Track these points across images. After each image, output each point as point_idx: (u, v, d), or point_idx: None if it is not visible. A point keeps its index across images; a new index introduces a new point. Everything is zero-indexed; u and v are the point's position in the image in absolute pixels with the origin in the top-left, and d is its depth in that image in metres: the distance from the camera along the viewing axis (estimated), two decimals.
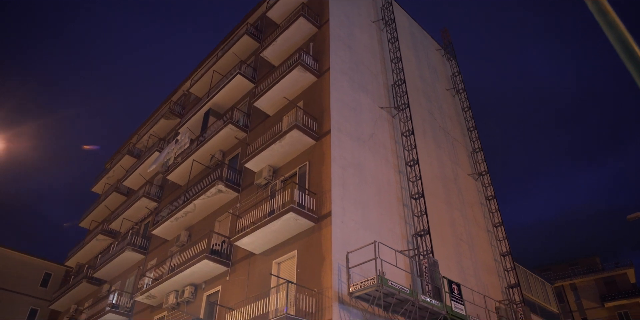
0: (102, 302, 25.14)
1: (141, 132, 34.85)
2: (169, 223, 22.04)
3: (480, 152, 25.44)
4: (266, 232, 15.60)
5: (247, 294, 15.88)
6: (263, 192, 18.19)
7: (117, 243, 27.94)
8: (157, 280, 20.23)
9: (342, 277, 13.50)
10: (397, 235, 16.65)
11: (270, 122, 20.32)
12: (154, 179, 28.63)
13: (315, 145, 17.02)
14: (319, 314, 12.98)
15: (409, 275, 15.63)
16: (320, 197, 15.37)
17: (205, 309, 18.02)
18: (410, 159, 18.88)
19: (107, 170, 36.60)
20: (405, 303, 13.39)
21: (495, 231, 22.83)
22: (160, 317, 20.54)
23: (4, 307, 37.27)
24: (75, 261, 33.38)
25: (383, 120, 19.69)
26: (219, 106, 24.71)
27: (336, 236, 14.17)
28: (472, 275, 19.29)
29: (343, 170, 16.05)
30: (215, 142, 22.24)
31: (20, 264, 39.55)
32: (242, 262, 17.33)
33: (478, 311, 16.97)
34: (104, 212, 33.89)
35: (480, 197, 23.72)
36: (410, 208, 17.92)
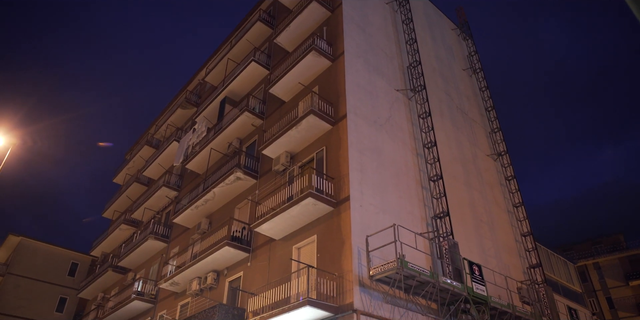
0: (127, 290, 25.65)
1: (159, 122, 35.13)
2: (190, 211, 22.27)
3: (499, 132, 25.09)
4: (285, 217, 15.67)
5: (269, 279, 16.03)
6: (281, 178, 18.23)
7: (139, 232, 28.37)
8: (180, 268, 20.52)
9: (362, 260, 13.53)
10: (417, 218, 16.59)
11: (286, 108, 20.27)
12: (173, 169, 28.90)
13: (331, 130, 16.95)
14: (340, 297, 13.05)
15: (429, 257, 15.60)
16: (338, 181, 15.34)
17: (228, 295, 18.26)
18: (428, 141, 18.71)
19: (127, 161, 37.06)
20: (425, 285, 13.38)
21: (516, 211, 22.61)
22: (184, 304, 20.89)
23: (35, 296, 38.36)
24: (100, 251, 34.07)
25: (399, 103, 19.51)
26: (235, 94, 24.72)
27: (355, 220, 14.17)
28: (493, 256, 19.18)
29: (360, 154, 15.98)
30: (232, 130, 22.30)
31: (48, 255, 40.56)
32: (262, 248, 17.47)
33: (499, 292, 16.89)
34: (126, 202, 34.41)
35: (499, 178, 23.47)
36: (429, 190, 17.81)
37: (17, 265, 39.14)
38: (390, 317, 13.24)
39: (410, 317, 13.77)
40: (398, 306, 13.58)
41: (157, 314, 22.84)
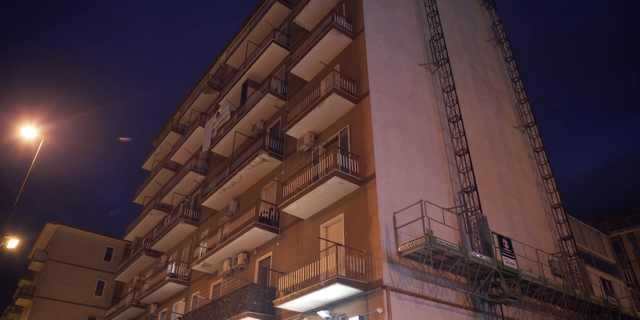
0: (161, 273, 26.32)
1: (183, 108, 35.44)
2: (218, 194, 22.55)
3: (526, 103, 24.49)
4: (312, 197, 15.72)
5: (298, 258, 16.19)
6: (306, 158, 18.25)
7: (170, 216, 28.94)
8: (210, 250, 20.91)
9: (390, 237, 13.53)
10: (444, 193, 16.45)
11: (308, 88, 20.16)
12: (200, 153, 29.22)
13: (355, 108, 16.82)
14: (369, 274, 13.11)
15: (458, 232, 15.50)
16: (363, 159, 15.28)
17: (259, 274, 18.55)
18: (453, 115, 18.41)
19: (154, 148, 37.61)
20: (454, 260, 13.32)
21: (546, 184, 22.19)
22: (216, 284, 21.34)
23: (75, 281, 39.82)
24: (134, 235, 34.92)
25: (422, 78, 19.19)
26: (256, 76, 24.68)
27: (382, 197, 14.13)
28: (523, 229, 18.95)
29: (385, 131, 15.84)
30: (255, 112, 22.34)
31: (84, 241, 41.89)
32: (290, 228, 17.62)
33: (530, 265, 16.72)
34: (155, 188, 35.04)
35: (528, 150, 23.00)
36: (456, 165, 17.60)
37: (56, 251, 40.56)
38: (419, 292, 13.27)
39: (439, 292, 13.78)
40: (427, 281, 13.59)
41: (191, 295, 23.41)
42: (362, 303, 12.94)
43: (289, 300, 14.09)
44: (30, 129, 19.56)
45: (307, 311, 14.57)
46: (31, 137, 19.76)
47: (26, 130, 19.48)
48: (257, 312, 15.77)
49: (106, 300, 40.25)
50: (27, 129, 19.49)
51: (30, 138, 19.78)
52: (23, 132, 19.47)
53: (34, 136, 19.81)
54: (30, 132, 19.58)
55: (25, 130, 19.47)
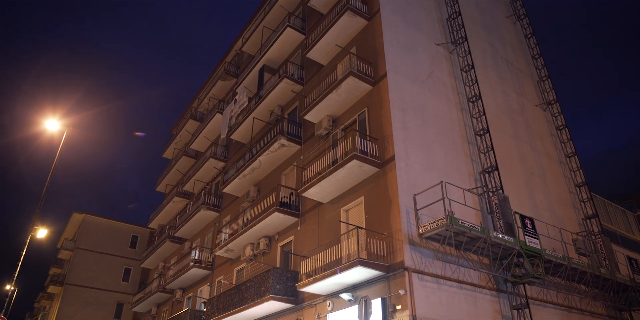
0: (185, 258, 26.76)
1: (201, 96, 35.59)
2: (238, 180, 22.71)
3: (548, 80, 23.95)
4: (331, 181, 15.73)
5: (319, 242, 16.28)
6: (325, 142, 18.22)
7: (192, 203, 29.30)
8: (233, 235, 21.14)
9: (411, 219, 13.49)
10: (464, 174, 16.30)
11: (324, 71, 20.04)
12: (219, 140, 29.39)
13: (372, 91, 16.68)
14: (391, 256, 13.12)
15: (479, 213, 15.38)
16: (382, 142, 15.19)
17: (281, 259, 18.73)
18: (472, 95, 18.14)
19: (174, 136, 37.97)
20: (476, 241, 13.25)
21: (569, 162, 21.80)
22: (239, 269, 21.62)
23: (103, 268, 40.80)
24: (157, 223, 35.51)
25: (440, 57, 18.89)
26: (273, 61, 24.59)
27: (402, 179, 14.07)
28: (546, 208, 18.71)
29: (403, 113, 15.71)
30: (272, 98, 22.32)
31: (110, 229, 42.78)
32: (311, 212, 17.69)
33: (554, 244, 16.53)
34: (177, 176, 35.45)
35: (550, 128, 22.57)
36: (476, 145, 17.39)
37: (84, 240, 41.51)
38: (441, 273, 13.25)
39: (461, 273, 13.74)
40: (449, 262, 13.55)
41: (215, 280, 23.79)
42: (384, 285, 12.98)
43: (311, 283, 14.21)
44: (53, 122, 19.85)
45: (330, 294, 14.70)
46: (54, 130, 20.06)
47: (50, 123, 19.78)
48: (280, 296, 15.97)
49: (133, 287, 41.18)
50: (50, 122, 19.79)
51: (53, 130, 20.09)
52: (47, 124, 19.78)
53: (57, 128, 20.11)
54: (53, 125, 19.88)
55: (48, 123, 19.77)
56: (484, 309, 13.66)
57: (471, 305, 13.40)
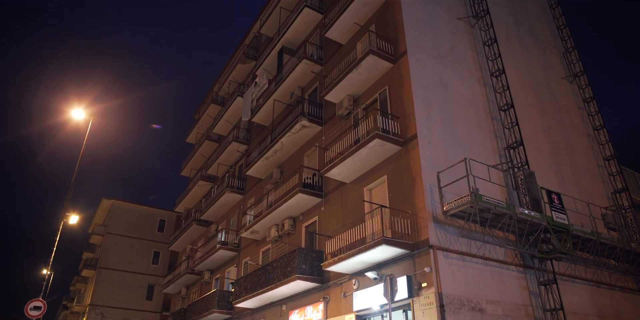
0: (212, 241, 27.22)
1: (221, 80, 35.66)
2: (261, 163, 22.84)
3: (574, 51, 23.23)
4: (354, 161, 15.69)
5: (343, 222, 16.33)
6: (346, 122, 18.13)
7: (216, 187, 29.64)
8: (257, 217, 21.37)
9: (435, 197, 13.41)
10: (489, 150, 16.06)
11: (344, 51, 19.82)
12: (241, 123, 29.52)
13: (393, 68, 16.46)
14: (415, 234, 13.10)
15: (504, 189, 15.18)
16: (404, 120, 15.04)
17: (306, 239, 18.88)
18: (496, 69, 17.74)
19: (196, 121, 38.28)
20: (502, 217, 13.11)
21: (597, 135, 21.26)
22: (265, 250, 21.90)
23: (133, 251, 41.84)
24: (183, 207, 36.12)
25: (462, 32, 18.48)
26: (291, 43, 24.42)
27: (425, 157, 13.95)
28: (574, 183, 18.37)
29: (425, 90, 15.49)
30: (292, 79, 22.24)
31: (138, 214, 43.71)
32: (334, 192, 17.72)
33: (582, 220, 16.24)
34: (201, 160, 35.85)
35: (577, 101, 21.98)
36: (500, 120, 17.08)
37: (113, 225, 42.54)
38: (467, 251, 13.19)
39: (487, 250, 13.66)
40: (474, 240, 13.47)
41: (241, 261, 24.17)
42: (409, 263, 13.00)
43: (336, 262, 14.32)
44: (79, 111, 20.16)
45: (355, 273, 14.80)
46: (80, 118, 20.38)
47: (75, 112, 20.09)
48: (306, 275, 16.15)
49: (163, 269, 42.17)
50: (76, 111, 20.10)
51: (79, 119, 20.41)
52: (72, 113, 20.10)
53: (83, 117, 20.43)
54: (79, 114, 20.19)
55: (74, 112, 20.08)
56: (510, 286, 13.59)
57: (497, 282, 13.35)
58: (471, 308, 12.30)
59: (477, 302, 12.51)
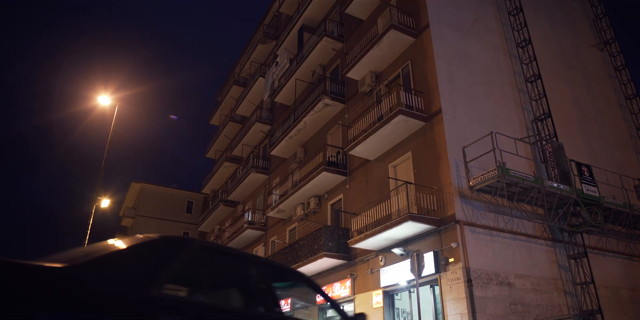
0: (239, 221, 27.58)
1: (242, 61, 35.61)
2: (285, 142, 22.89)
3: (605, 17, 22.33)
4: (378, 137, 15.58)
5: (368, 199, 16.32)
6: (369, 99, 17.96)
7: (241, 168, 29.90)
8: (283, 196, 21.52)
9: (461, 172, 13.26)
10: (515, 123, 15.74)
11: (365, 27, 19.51)
12: (263, 104, 29.54)
13: (415, 43, 16.16)
14: (441, 210, 13.02)
15: (532, 162, 14.91)
16: (427, 95, 14.82)
17: (331, 217, 18.96)
18: (521, 39, 17.23)
19: (219, 103, 38.46)
20: (530, 191, 12.90)
21: (629, 104, 20.58)
22: (292, 228, 22.10)
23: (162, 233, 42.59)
24: (210, 188, 36.61)
25: (485, 2, 17.94)
26: (311, 21, 24.14)
27: (449, 132, 13.77)
28: (605, 155, 17.91)
29: (448, 64, 15.18)
30: (313, 58, 22.06)
31: (166, 197, 44.52)
32: (359, 170, 17.68)
33: (614, 192, 15.84)
34: (225, 142, 36.12)
35: (608, 69, 21.24)
36: (527, 92, 16.66)
37: (143, 208, 43.47)
38: (494, 225, 13.07)
39: (515, 224, 13.50)
40: (502, 214, 13.32)
41: (269, 240, 24.48)
42: (436, 239, 12.96)
43: (362, 239, 14.37)
44: (105, 97, 20.42)
45: (381, 249, 14.84)
46: (106, 104, 20.64)
47: (102, 98, 20.36)
48: (332, 252, 16.27)
49: None
50: (102, 97, 20.36)
51: (105, 105, 20.68)
52: (99, 99, 20.37)
53: (109, 103, 20.69)
54: (105, 100, 20.45)
55: (101, 98, 20.35)
56: (539, 260, 13.46)
57: (526, 256, 13.22)
58: (499, 282, 12.24)
59: (505, 276, 12.44)
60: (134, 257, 2.59)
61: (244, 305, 3.35)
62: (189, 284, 3.20)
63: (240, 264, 3.43)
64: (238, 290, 3.41)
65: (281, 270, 4.03)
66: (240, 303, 3.37)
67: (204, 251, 3.12)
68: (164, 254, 2.72)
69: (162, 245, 2.83)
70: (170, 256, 2.73)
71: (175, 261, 2.73)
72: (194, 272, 3.06)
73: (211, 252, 3.25)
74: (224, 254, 3.44)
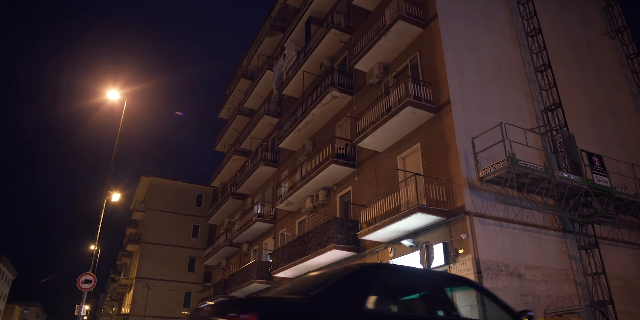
0: (249, 214, 27.69)
1: (250, 54, 35.54)
2: (293, 135, 22.88)
3: (616, 5, 21.91)
4: (386, 129, 15.53)
5: (377, 191, 16.29)
6: (377, 90, 17.89)
7: (250, 160, 29.97)
8: (292, 189, 21.55)
9: (470, 163, 13.20)
10: (525, 114, 15.61)
11: (372, 18, 19.37)
12: (271, 97, 29.51)
13: (423, 33, 16.04)
14: (451, 201, 12.99)
15: (542, 153, 14.80)
16: (436, 86, 14.73)
17: (340, 209, 18.98)
18: (531, 29, 17.03)
19: (227, 96, 38.46)
20: (540, 181, 12.82)
21: None
22: (301, 221, 22.16)
23: (173, 226, 43.07)
24: (219, 181, 36.75)
25: None
26: (318, 12, 24.00)
27: (458, 123, 13.69)
28: (616, 144, 17.72)
29: (457, 55, 15.06)
30: (321, 50, 21.97)
31: (176, 190, 44.78)
32: (367, 162, 17.65)
33: (625, 182, 15.67)
34: (233, 135, 36.16)
35: (619, 58, 20.91)
36: (537, 82, 16.49)
37: (153, 201, 43.76)
38: (504, 216, 13.01)
39: (525, 215, 13.44)
40: (512, 205, 13.25)
41: (278, 232, 24.57)
42: (445, 230, 12.94)
43: (372, 231, 14.38)
44: (114, 92, 20.48)
45: (391, 241, 14.84)
46: (115, 99, 20.70)
47: (111, 93, 20.42)
48: (342, 244, 16.30)
49: (202, 242, 43.34)
50: (111, 92, 20.42)
51: (114, 100, 20.74)
52: (108, 94, 20.44)
53: (118, 98, 20.74)
54: (114, 95, 20.51)
55: (109, 93, 20.41)
56: (550, 251, 13.40)
57: (536, 247, 13.17)
58: (509, 273, 12.21)
59: (515, 267, 12.40)
60: (350, 283, 3.65)
61: (428, 311, 4.30)
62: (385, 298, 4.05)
63: (418, 278, 4.51)
64: (421, 299, 4.38)
65: (449, 278, 5.33)
66: (424, 310, 4.31)
67: (392, 271, 4.28)
68: (368, 278, 3.78)
69: (364, 272, 3.93)
70: (373, 279, 3.79)
71: (376, 282, 3.77)
72: (387, 288, 3.97)
73: (397, 272, 4.41)
74: (406, 272, 4.59)
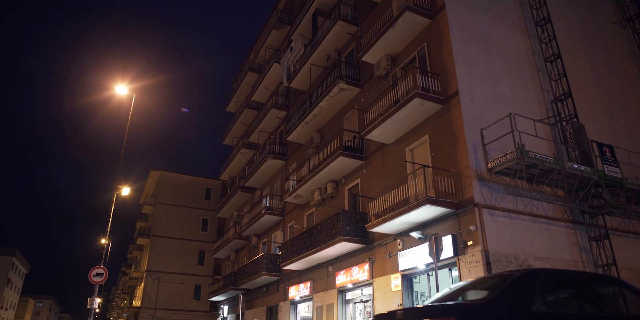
0: (257, 207, 27.79)
1: (257, 47, 35.46)
2: (301, 128, 22.86)
3: None
4: (394, 121, 15.46)
5: (386, 183, 16.27)
6: (385, 82, 17.79)
7: (258, 154, 30.01)
8: (300, 182, 21.57)
9: (479, 154, 13.11)
10: (534, 104, 15.46)
11: (379, 9, 19.24)
12: (279, 90, 29.49)
13: (431, 24, 15.90)
14: (459, 193, 12.93)
15: (552, 143, 14.67)
16: (444, 77, 14.61)
17: (349, 201, 18.97)
18: (541, 18, 16.83)
19: (235, 90, 38.47)
20: (550, 173, 12.71)
21: None
22: (309, 213, 22.19)
23: (183, 220, 43.34)
24: (228, 175, 36.87)
25: None
26: (325, 4, 23.86)
27: (467, 114, 13.59)
28: (627, 135, 17.52)
29: (465, 45, 14.92)
30: (328, 42, 21.87)
31: (185, 184, 45.00)
32: (375, 154, 17.61)
33: (637, 172, 15.50)
34: (242, 128, 36.22)
35: (631, 46, 20.59)
36: (546, 72, 16.31)
37: (162, 195, 44.02)
38: (513, 208, 12.93)
39: (535, 207, 13.35)
40: (521, 196, 13.17)
41: (287, 225, 24.63)
42: (454, 222, 12.90)
43: (380, 223, 14.37)
44: (122, 87, 20.55)
45: (399, 233, 14.84)
46: (123, 94, 20.78)
47: (119, 88, 20.50)
48: (350, 237, 16.33)
49: (212, 235, 43.60)
50: (119, 87, 20.50)
51: (122, 95, 20.82)
52: (116, 89, 20.52)
53: (126, 93, 20.82)
54: (122, 90, 20.59)
55: (118, 88, 20.49)
56: (559, 242, 13.32)
57: (546, 239, 13.09)
58: (519, 265, 12.16)
59: (524, 259, 12.35)
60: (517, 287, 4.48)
61: (584, 309, 4.94)
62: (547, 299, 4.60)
63: (572, 279, 5.24)
64: (576, 298, 5.05)
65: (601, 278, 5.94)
66: (582, 309, 4.95)
67: (549, 275, 4.99)
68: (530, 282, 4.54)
69: (526, 277, 4.67)
70: (534, 283, 4.52)
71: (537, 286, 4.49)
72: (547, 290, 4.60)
73: (554, 275, 5.14)
74: (561, 275, 5.36)
